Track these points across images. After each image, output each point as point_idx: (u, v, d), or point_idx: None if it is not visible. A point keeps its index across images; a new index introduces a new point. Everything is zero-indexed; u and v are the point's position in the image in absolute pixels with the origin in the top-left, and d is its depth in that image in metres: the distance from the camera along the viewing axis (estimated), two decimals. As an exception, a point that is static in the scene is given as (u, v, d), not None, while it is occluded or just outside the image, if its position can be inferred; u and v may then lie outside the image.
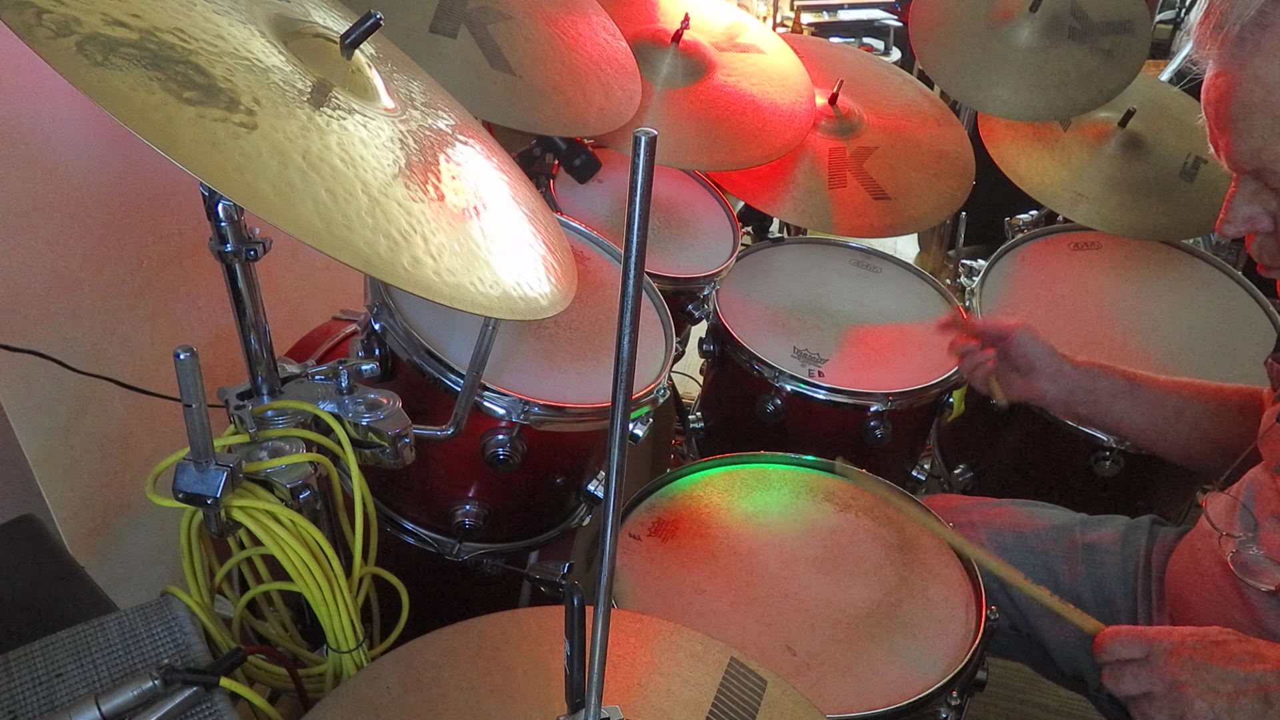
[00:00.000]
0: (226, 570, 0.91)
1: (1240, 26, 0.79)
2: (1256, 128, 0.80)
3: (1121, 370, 1.20)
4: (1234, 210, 0.87)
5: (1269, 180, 0.83)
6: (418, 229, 0.73)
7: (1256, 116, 0.80)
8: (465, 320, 1.11)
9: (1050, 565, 1.18)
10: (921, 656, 0.93)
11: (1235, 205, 0.87)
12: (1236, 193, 0.87)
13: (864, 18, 4.45)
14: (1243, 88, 0.80)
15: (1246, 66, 0.79)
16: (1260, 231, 0.88)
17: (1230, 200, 0.88)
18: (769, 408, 1.42)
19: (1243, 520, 0.97)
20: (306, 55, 0.77)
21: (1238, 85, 0.80)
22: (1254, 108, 0.80)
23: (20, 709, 0.72)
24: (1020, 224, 1.86)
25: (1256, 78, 0.79)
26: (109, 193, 1.29)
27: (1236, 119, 0.81)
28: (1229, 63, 0.81)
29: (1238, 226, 0.87)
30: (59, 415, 1.28)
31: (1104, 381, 1.20)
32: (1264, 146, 0.81)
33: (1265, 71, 0.78)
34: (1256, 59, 0.78)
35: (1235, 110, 0.81)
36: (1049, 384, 1.22)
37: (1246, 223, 0.87)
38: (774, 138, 1.61)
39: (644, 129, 0.41)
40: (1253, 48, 0.79)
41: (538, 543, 1.31)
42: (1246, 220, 0.87)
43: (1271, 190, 0.84)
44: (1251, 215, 0.87)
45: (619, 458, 0.51)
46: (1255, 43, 0.78)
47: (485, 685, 0.70)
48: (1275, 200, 0.85)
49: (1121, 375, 1.20)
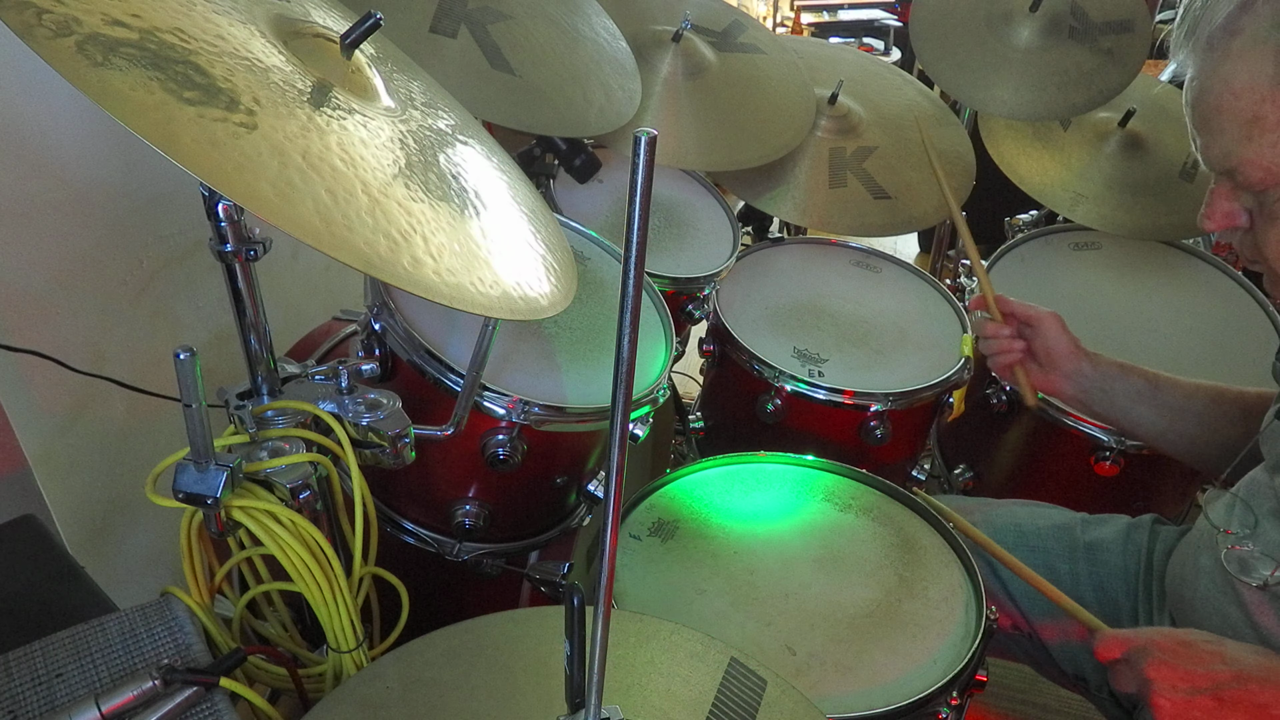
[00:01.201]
0: (226, 570, 0.91)
1: (1210, 32, 0.82)
2: (1226, 130, 0.83)
3: (1142, 371, 1.20)
4: (1213, 207, 0.90)
5: (1239, 180, 0.85)
6: (418, 229, 0.73)
7: (1225, 119, 0.83)
8: (465, 320, 1.11)
9: (1051, 565, 1.18)
10: (921, 656, 0.93)
11: (1214, 202, 0.90)
12: (1215, 190, 0.90)
13: (864, 18, 4.46)
14: (1213, 92, 0.83)
15: (1217, 71, 0.82)
16: (1239, 228, 0.91)
17: (1210, 197, 0.91)
18: (769, 408, 1.42)
19: (1242, 517, 0.97)
20: (306, 55, 0.77)
21: (1209, 89, 0.83)
22: (1223, 111, 0.83)
23: (20, 709, 0.72)
24: (1020, 224, 1.87)
25: (1225, 82, 0.82)
26: (109, 193, 1.29)
27: (1209, 121, 0.85)
28: (1202, 67, 0.84)
29: (1216, 222, 0.90)
30: (59, 415, 1.28)
31: (1122, 383, 1.20)
32: (1233, 149, 0.83)
33: (1233, 76, 0.81)
34: (1225, 64, 0.81)
35: (1208, 113, 0.84)
36: (1065, 381, 1.22)
37: (1225, 218, 0.90)
38: (774, 138, 1.61)
39: (644, 129, 0.41)
40: (1222, 53, 0.81)
41: (538, 543, 1.31)
42: (1225, 216, 0.90)
43: (1244, 189, 0.86)
44: (1229, 211, 0.89)
45: (619, 458, 0.51)
46: (1224, 48, 0.81)
47: (485, 685, 0.70)
48: (1250, 198, 0.87)
49: (1141, 377, 1.20)
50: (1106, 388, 1.20)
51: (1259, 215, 0.87)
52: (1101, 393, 1.21)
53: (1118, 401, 1.20)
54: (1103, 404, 1.22)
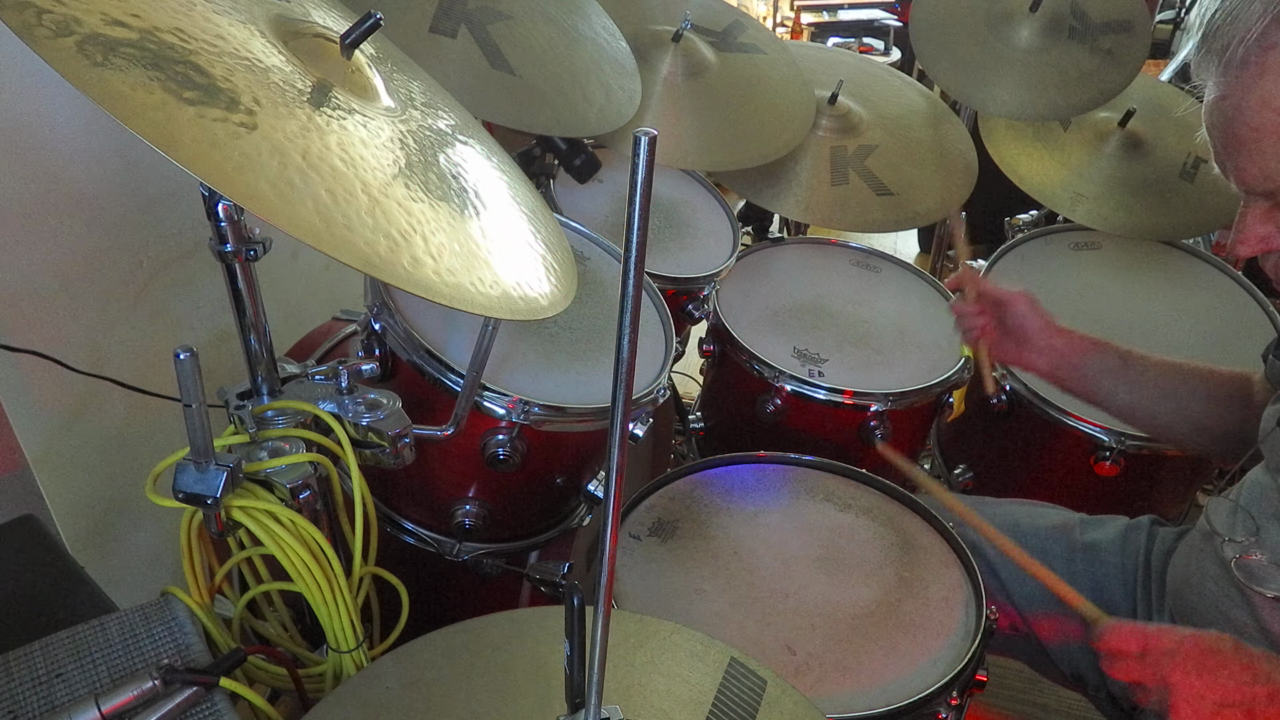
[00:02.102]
0: (226, 570, 0.91)
1: (1244, 49, 0.78)
2: (1267, 150, 0.79)
3: (1115, 347, 1.20)
4: (1247, 231, 0.86)
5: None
6: (418, 229, 0.73)
7: (1267, 140, 0.79)
8: (465, 320, 1.11)
9: (1050, 565, 1.17)
10: (921, 656, 0.93)
11: (1248, 225, 0.86)
12: (1248, 213, 0.86)
13: (864, 18, 4.46)
14: (1251, 110, 0.78)
15: (1253, 89, 0.78)
16: (1275, 250, 0.87)
17: (1242, 221, 0.87)
18: (769, 407, 1.42)
19: (1244, 524, 0.97)
20: (306, 55, 0.77)
21: (1245, 108, 0.79)
22: (1264, 130, 0.78)
23: (20, 709, 0.72)
24: (1020, 224, 1.86)
25: (1264, 100, 0.77)
26: (109, 193, 1.29)
27: (1246, 142, 0.80)
28: (1233, 86, 0.80)
29: (1252, 246, 0.86)
30: (59, 415, 1.28)
31: (1095, 358, 1.20)
32: (1277, 168, 0.79)
33: (1273, 94, 0.77)
34: (1263, 81, 0.77)
35: (1244, 133, 0.80)
36: (1038, 356, 1.22)
37: (1261, 242, 0.86)
38: (774, 138, 1.61)
39: (644, 129, 0.41)
40: (1258, 70, 0.77)
41: (538, 543, 1.31)
42: (1261, 240, 0.86)
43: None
44: (1265, 235, 0.85)
45: (619, 458, 0.51)
46: (1260, 65, 0.77)
47: (485, 685, 0.70)
48: None
49: (1114, 352, 1.20)
50: (1078, 363, 1.20)
51: None
52: (1073, 368, 1.21)
53: (1089, 376, 1.21)
54: (1075, 379, 1.22)
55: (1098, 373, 1.20)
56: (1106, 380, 1.20)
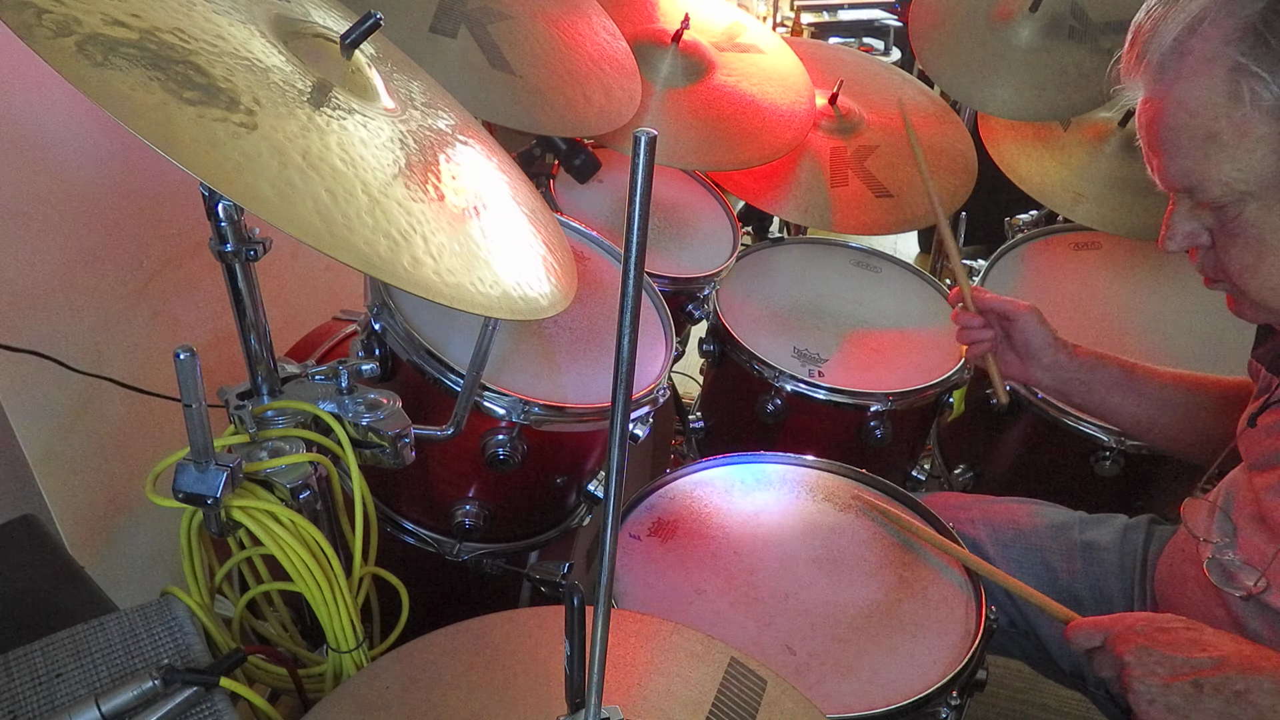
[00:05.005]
0: (226, 570, 0.91)
1: (1160, 55, 0.83)
2: (1184, 149, 0.84)
3: (1119, 361, 1.21)
4: (1174, 228, 0.91)
5: (1200, 198, 0.86)
6: (418, 229, 0.73)
7: (1183, 138, 0.83)
8: (465, 320, 1.11)
9: (1049, 563, 1.18)
10: (921, 656, 0.93)
11: (1174, 223, 0.91)
12: (1175, 211, 0.91)
13: (864, 18, 4.45)
14: (1169, 112, 0.84)
15: (1170, 92, 0.83)
16: (1200, 247, 0.91)
17: (1169, 218, 0.91)
18: (769, 408, 1.42)
19: (1220, 526, 0.98)
20: (306, 55, 0.77)
21: (1164, 110, 0.84)
22: (1180, 130, 0.83)
23: (20, 709, 0.72)
24: (1020, 224, 1.86)
25: (1180, 102, 0.82)
26: (109, 193, 1.29)
27: (1166, 141, 0.85)
28: (1154, 89, 0.85)
29: (1178, 243, 0.91)
30: (59, 415, 1.28)
31: (1100, 373, 1.21)
32: (1192, 167, 0.84)
33: (1186, 96, 0.82)
34: (1178, 85, 0.82)
35: (1164, 133, 0.85)
36: (1044, 373, 1.23)
37: (1186, 239, 0.91)
38: (774, 138, 1.61)
39: (644, 129, 0.41)
40: (1174, 74, 0.82)
41: (538, 543, 1.31)
42: (1186, 236, 0.90)
43: (1205, 207, 0.87)
44: (1190, 231, 0.90)
45: (619, 458, 0.51)
46: (1175, 70, 0.82)
47: (485, 685, 0.70)
48: (1210, 216, 0.88)
49: (1118, 366, 1.21)
50: (1084, 378, 1.21)
51: (1220, 233, 0.88)
52: (1080, 383, 1.22)
53: (1096, 391, 1.22)
54: (1081, 394, 1.23)
55: (1104, 388, 1.21)
56: (1114, 395, 1.21)
